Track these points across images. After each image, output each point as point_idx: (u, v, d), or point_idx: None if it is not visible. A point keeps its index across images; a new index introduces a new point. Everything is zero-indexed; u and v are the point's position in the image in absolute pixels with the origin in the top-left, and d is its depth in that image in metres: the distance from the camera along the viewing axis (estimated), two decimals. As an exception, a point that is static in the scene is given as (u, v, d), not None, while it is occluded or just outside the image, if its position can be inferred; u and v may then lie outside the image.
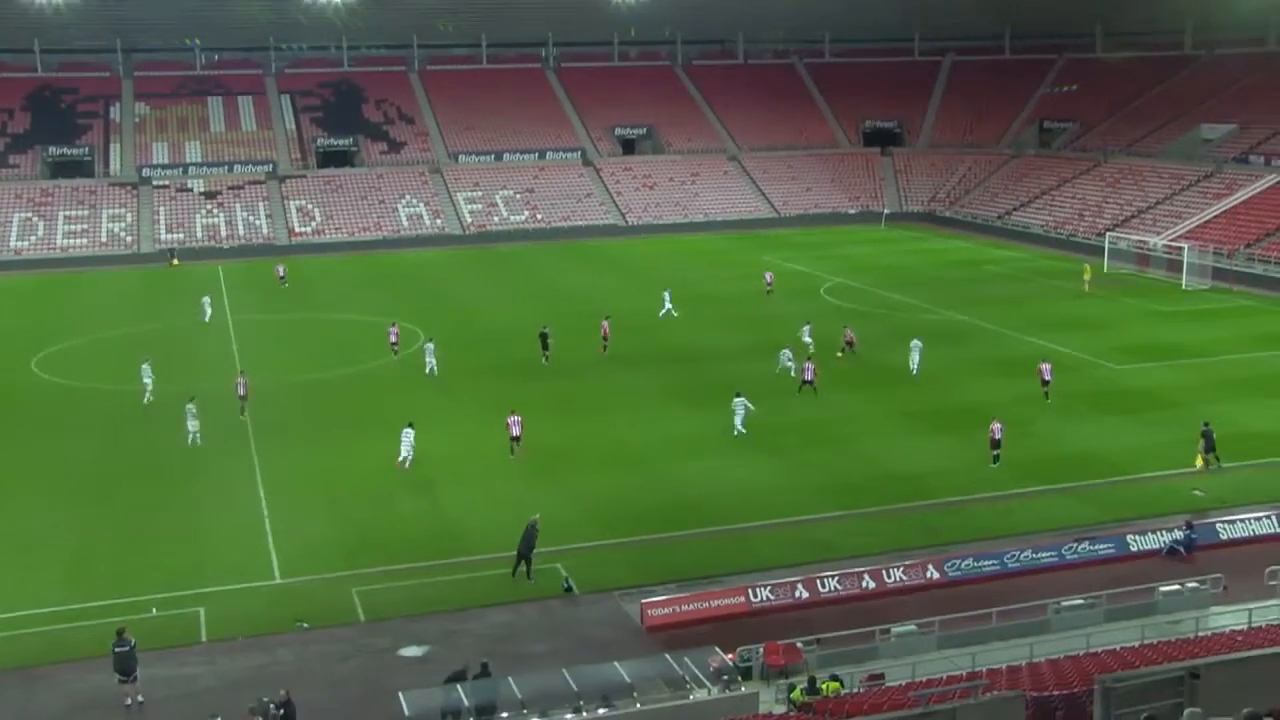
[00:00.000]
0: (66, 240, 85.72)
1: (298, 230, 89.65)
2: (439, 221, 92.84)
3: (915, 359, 48.19)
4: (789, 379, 46.50)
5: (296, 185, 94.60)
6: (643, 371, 49.56)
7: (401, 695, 22.79)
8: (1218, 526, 31.58)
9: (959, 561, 29.56)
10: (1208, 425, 36.97)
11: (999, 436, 37.06)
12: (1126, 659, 21.01)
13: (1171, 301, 62.95)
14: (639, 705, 22.55)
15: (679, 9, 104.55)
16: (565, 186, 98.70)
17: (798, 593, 28.26)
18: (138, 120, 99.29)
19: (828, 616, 27.19)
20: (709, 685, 23.19)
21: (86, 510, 34.97)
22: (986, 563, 29.64)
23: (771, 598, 28.06)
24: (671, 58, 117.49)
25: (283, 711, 22.26)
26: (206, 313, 62.53)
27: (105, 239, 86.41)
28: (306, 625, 27.76)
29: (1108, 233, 76.84)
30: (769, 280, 66.96)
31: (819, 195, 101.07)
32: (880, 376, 48.01)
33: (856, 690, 22.55)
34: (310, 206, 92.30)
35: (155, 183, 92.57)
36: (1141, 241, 73.07)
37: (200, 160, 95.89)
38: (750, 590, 28.15)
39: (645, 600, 27.79)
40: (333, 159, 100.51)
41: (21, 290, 73.92)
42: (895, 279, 70.02)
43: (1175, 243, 71.23)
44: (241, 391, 44.12)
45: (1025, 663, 22.91)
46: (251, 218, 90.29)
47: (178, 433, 40.84)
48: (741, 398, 40.86)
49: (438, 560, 31.17)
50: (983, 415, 39.12)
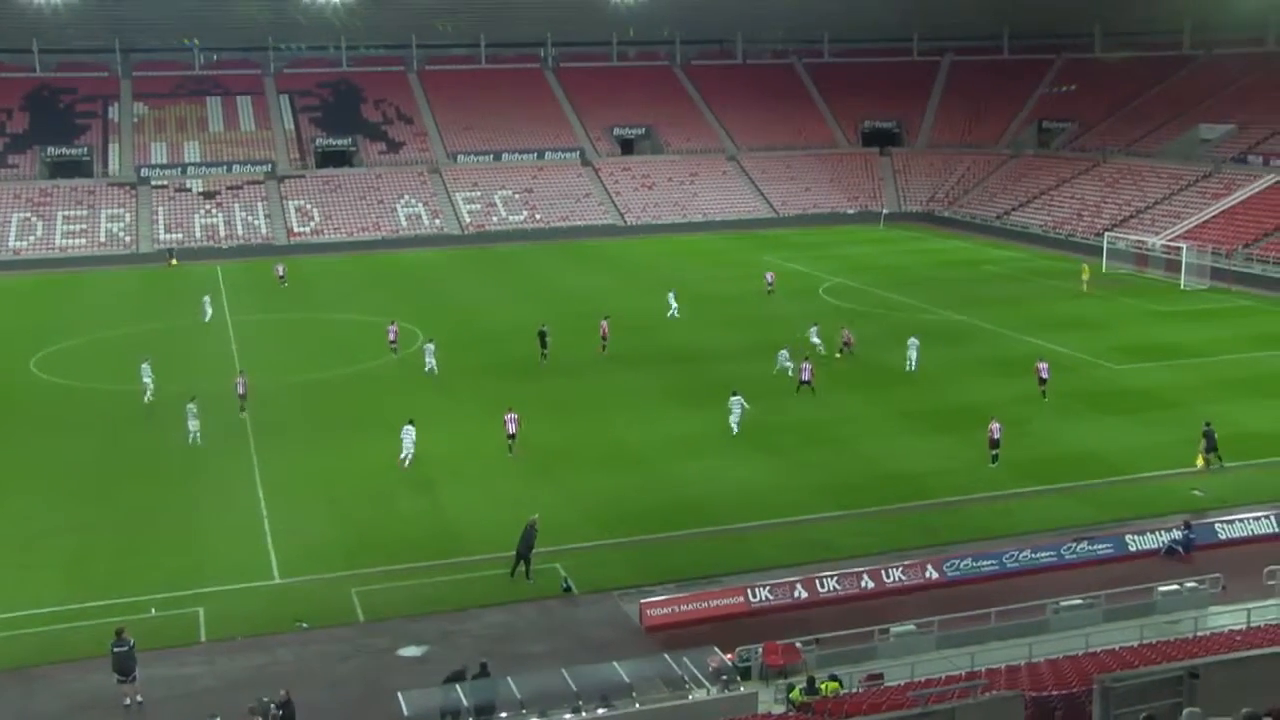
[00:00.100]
0: (65, 240, 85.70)
1: (296, 230, 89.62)
2: (438, 221, 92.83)
3: (912, 356, 48.47)
4: (787, 379, 46.53)
5: (295, 185, 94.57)
6: (642, 371, 49.58)
7: (401, 695, 22.79)
8: (1216, 526, 31.59)
9: (958, 561, 29.58)
10: (1209, 425, 36.99)
11: (998, 436, 37.11)
12: (1125, 659, 21.04)
13: (1170, 301, 62.98)
14: (638, 705, 22.56)
15: (678, 9, 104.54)
16: (564, 186, 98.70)
17: (797, 593, 28.28)
18: (136, 120, 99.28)
19: (827, 616, 27.20)
20: (708, 685, 23.19)
21: (86, 510, 34.98)
22: (985, 563, 29.66)
23: (770, 598, 28.06)
24: (670, 58, 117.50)
25: (282, 712, 22.27)
26: (207, 312, 62.52)
27: (104, 239, 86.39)
28: (306, 625, 27.77)
29: (1106, 233, 76.87)
30: (770, 280, 66.99)
31: (818, 195, 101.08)
32: (879, 376, 48.04)
33: (855, 690, 22.57)
34: (309, 206, 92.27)
35: (154, 183, 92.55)
36: (1140, 241, 73.10)
37: (199, 160, 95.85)
38: (749, 590, 28.16)
39: (644, 600, 27.80)
40: (331, 159, 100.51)
41: (20, 290, 73.90)
42: (894, 279, 70.04)
43: (1174, 243, 71.25)
44: (241, 390, 44.23)
45: (1024, 663, 22.94)
46: (250, 218, 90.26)
47: (177, 432, 40.90)
48: (738, 396, 40.92)
49: (437, 560, 31.17)
50: (981, 415, 39.18)
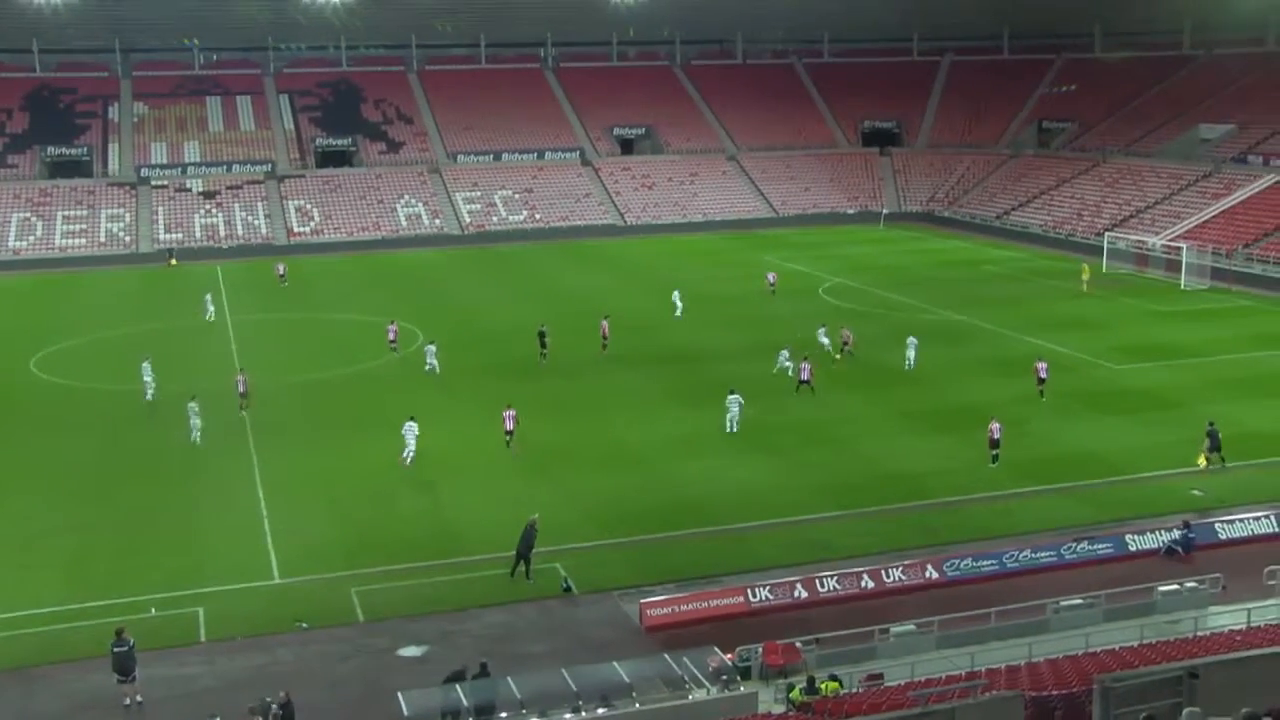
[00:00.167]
0: (65, 240, 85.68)
1: (296, 230, 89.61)
2: (438, 221, 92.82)
3: (911, 355, 48.56)
4: (787, 379, 46.53)
5: (295, 185, 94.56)
6: (642, 371, 49.58)
7: (400, 695, 22.79)
8: (1216, 526, 31.59)
9: (958, 561, 29.58)
10: (1213, 425, 36.94)
11: (998, 436, 37.11)
12: (1125, 659, 21.04)
13: (1170, 301, 62.98)
14: (638, 705, 22.56)
15: (678, 9, 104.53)
16: (564, 186, 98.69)
17: (797, 593, 28.27)
18: (136, 120, 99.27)
19: (827, 616, 27.19)
20: (708, 685, 23.19)
21: (86, 510, 34.98)
22: (985, 563, 29.66)
23: (770, 598, 28.06)
24: (670, 58, 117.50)
25: (283, 712, 22.27)
26: (209, 311, 62.53)
27: (104, 239, 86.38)
28: (305, 625, 27.76)
29: (1106, 233, 76.88)
30: (772, 280, 66.99)
31: (817, 195, 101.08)
32: (878, 376, 48.04)
33: (855, 690, 22.57)
34: (309, 206, 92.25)
35: (154, 183, 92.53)
36: (1140, 241, 73.11)
37: (199, 160, 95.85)
38: (749, 590, 28.16)
39: (644, 600, 27.79)
40: (331, 159, 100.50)
41: (20, 290, 73.88)
42: (894, 279, 70.04)
43: (1174, 243, 71.26)
44: (242, 389, 44.28)
45: (1024, 662, 22.94)
46: (250, 218, 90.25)
47: (177, 432, 40.94)
48: (735, 395, 40.91)
49: (437, 560, 31.17)
50: (981, 415, 39.18)
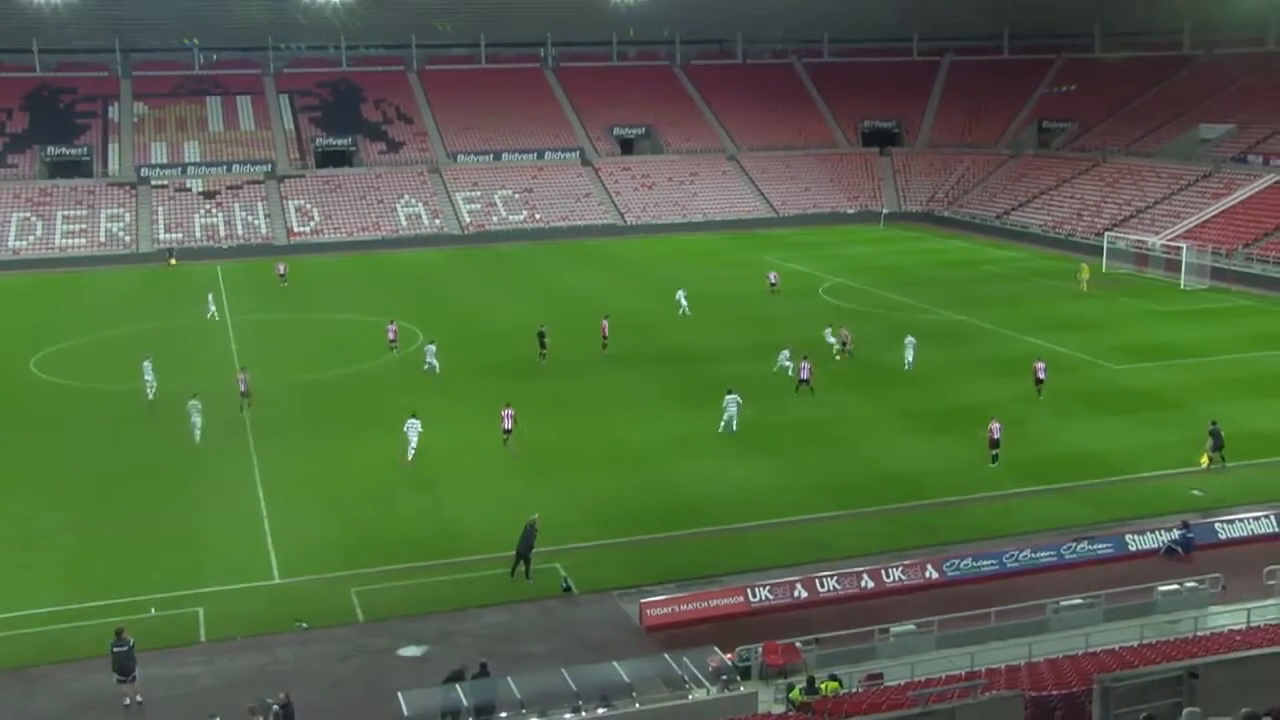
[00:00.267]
0: (65, 240, 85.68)
1: (296, 230, 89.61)
2: (438, 221, 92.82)
3: (909, 355, 48.52)
4: (787, 379, 46.54)
5: (295, 185, 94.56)
6: (642, 371, 49.58)
7: (400, 695, 22.79)
8: (1216, 526, 31.58)
9: (958, 561, 29.57)
10: (1215, 423, 36.91)
11: (998, 436, 37.10)
12: (1125, 659, 21.04)
13: (1170, 301, 62.98)
14: (638, 705, 22.55)
15: (678, 9, 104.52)
16: (564, 186, 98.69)
17: (796, 592, 28.27)
18: (136, 120, 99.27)
19: (826, 616, 27.19)
20: (708, 685, 23.19)
21: (85, 510, 34.98)
22: (985, 562, 29.65)
23: (770, 597, 28.06)
24: (670, 58, 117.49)
25: (283, 712, 22.27)
26: (211, 309, 62.51)
27: (104, 239, 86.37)
28: (305, 625, 27.76)
29: (1106, 232, 76.87)
30: (774, 280, 66.98)
31: (817, 195, 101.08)
32: (878, 376, 48.03)
33: (855, 690, 22.57)
34: (309, 206, 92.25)
35: (154, 182, 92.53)
36: (1140, 241, 73.11)
37: (199, 160, 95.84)
38: (749, 590, 28.16)
39: (644, 600, 27.79)
40: (331, 159, 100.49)
41: (20, 290, 73.87)
42: (894, 279, 70.04)
43: (1174, 242, 71.26)
44: (243, 388, 44.28)
45: (1024, 662, 22.94)
46: (250, 217, 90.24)
47: (178, 431, 40.95)
48: (733, 395, 40.90)
49: (436, 560, 31.17)
50: (981, 415, 39.17)
